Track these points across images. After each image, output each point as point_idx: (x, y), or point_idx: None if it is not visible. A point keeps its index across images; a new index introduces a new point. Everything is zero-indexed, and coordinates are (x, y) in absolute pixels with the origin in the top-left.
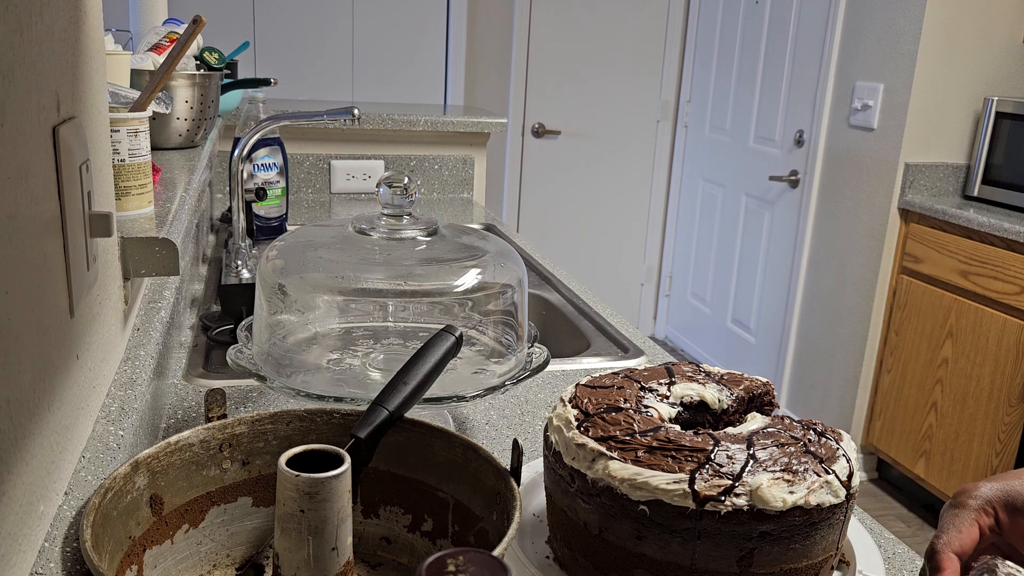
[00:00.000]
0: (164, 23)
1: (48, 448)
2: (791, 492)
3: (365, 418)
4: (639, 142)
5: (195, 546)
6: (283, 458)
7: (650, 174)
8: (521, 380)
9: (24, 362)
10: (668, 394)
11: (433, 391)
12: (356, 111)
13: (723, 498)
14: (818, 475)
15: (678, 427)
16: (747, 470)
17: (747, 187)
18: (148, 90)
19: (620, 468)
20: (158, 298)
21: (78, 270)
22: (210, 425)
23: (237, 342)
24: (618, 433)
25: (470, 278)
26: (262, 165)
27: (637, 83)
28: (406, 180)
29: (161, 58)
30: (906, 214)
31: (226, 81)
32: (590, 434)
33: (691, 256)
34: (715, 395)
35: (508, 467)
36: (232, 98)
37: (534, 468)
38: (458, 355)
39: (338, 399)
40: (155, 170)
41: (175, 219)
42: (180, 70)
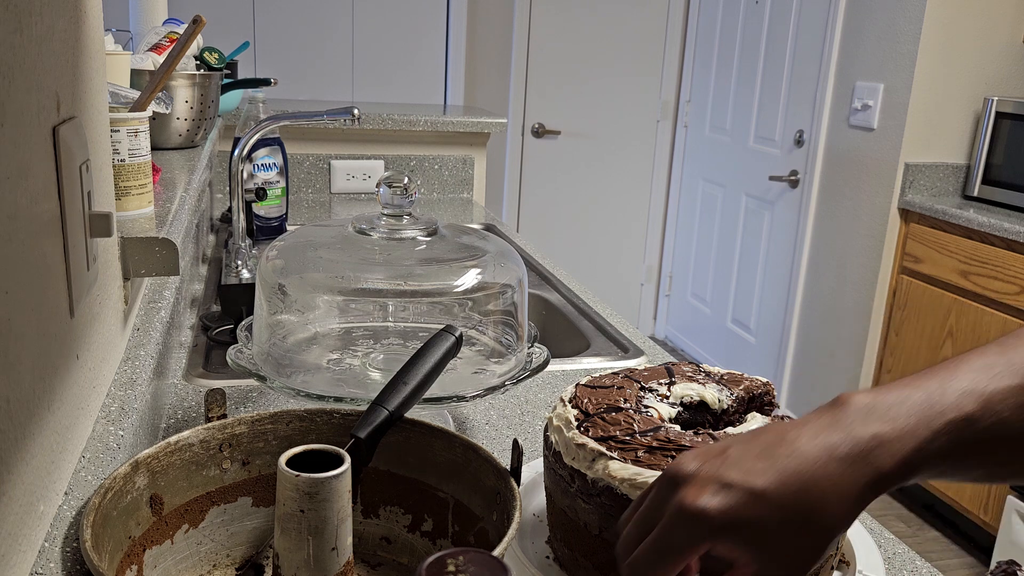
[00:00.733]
0: (164, 23)
1: (48, 448)
2: None
3: (365, 418)
4: (639, 142)
5: (195, 546)
6: (283, 458)
7: (650, 174)
8: (521, 380)
9: (24, 362)
10: (668, 394)
11: (433, 391)
12: (356, 111)
13: None
14: None
15: (678, 427)
16: None
17: (747, 187)
18: (148, 90)
19: (620, 468)
20: (158, 298)
21: (78, 270)
22: (210, 425)
23: (237, 342)
24: (618, 433)
25: (470, 278)
26: (262, 165)
27: (637, 83)
28: (406, 180)
29: (161, 58)
30: (906, 214)
31: (226, 81)
32: (590, 434)
33: (691, 256)
34: (715, 395)
35: (508, 467)
36: (232, 98)
37: (534, 468)
38: (458, 355)
39: (338, 399)
40: (155, 170)
41: (175, 219)
42: (180, 70)
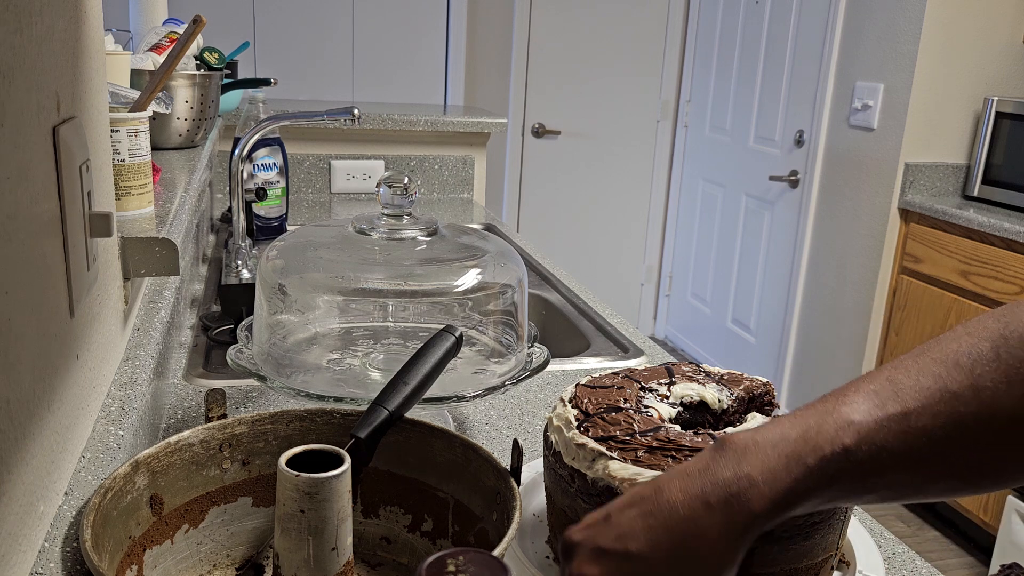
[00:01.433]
0: (164, 23)
1: (48, 448)
2: None
3: (365, 418)
4: (639, 142)
5: (195, 546)
6: (283, 458)
7: (650, 174)
8: (521, 380)
9: (24, 362)
10: (668, 394)
11: (433, 391)
12: (356, 111)
13: None
14: None
15: (678, 427)
16: None
17: (747, 187)
18: (148, 90)
19: (620, 468)
20: (158, 298)
21: (78, 270)
22: (210, 425)
23: (237, 342)
24: (618, 433)
25: (470, 278)
26: (262, 165)
27: (637, 83)
28: (406, 180)
29: (161, 58)
30: (906, 214)
31: (226, 81)
32: (590, 434)
33: (691, 256)
34: (715, 395)
35: (508, 467)
36: (232, 98)
37: (534, 468)
38: (458, 355)
39: (338, 399)
40: (155, 170)
41: (175, 219)
42: (180, 70)
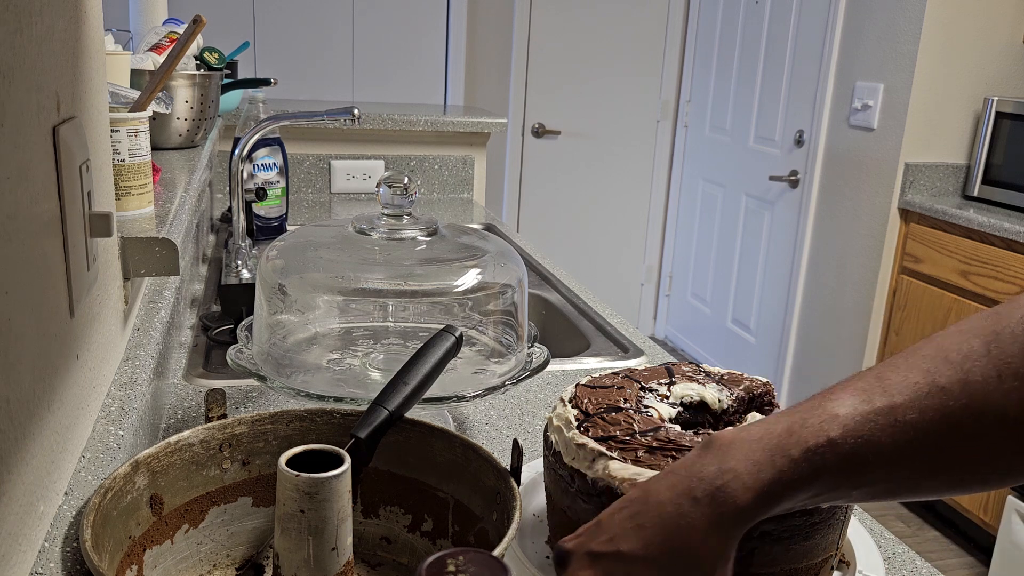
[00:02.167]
0: (164, 23)
1: (48, 448)
2: None
3: (365, 418)
4: (639, 142)
5: (195, 546)
6: (283, 458)
7: (650, 174)
8: (521, 380)
9: (24, 362)
10: (668, 394)
11: (433, 391)
12: (356, 111)
13: None
14: None
15: (678, 427)
16: None
17: (747, 187)
18: (148, 90)
19: (620, 468)
20: (158, 298)
21: (78, 270)
22: (210, 425)
23: (237, 342)
24: (618, 433)
25: (470, 278)
26: (262, 165)
27: (637, 83)
28: (406, 180)
29: (161, 58)
30: (906, 214)
31: (226, 81)
32: (590, 434)
33: (691, 256)
34: (715, 395)
35: (508, 467)
36: (232, 98)
37: (534, 468)
38: (458, 355)
39: (338, 399)
40: (155, 170)
41: (175, 219)
42: (180, 70)
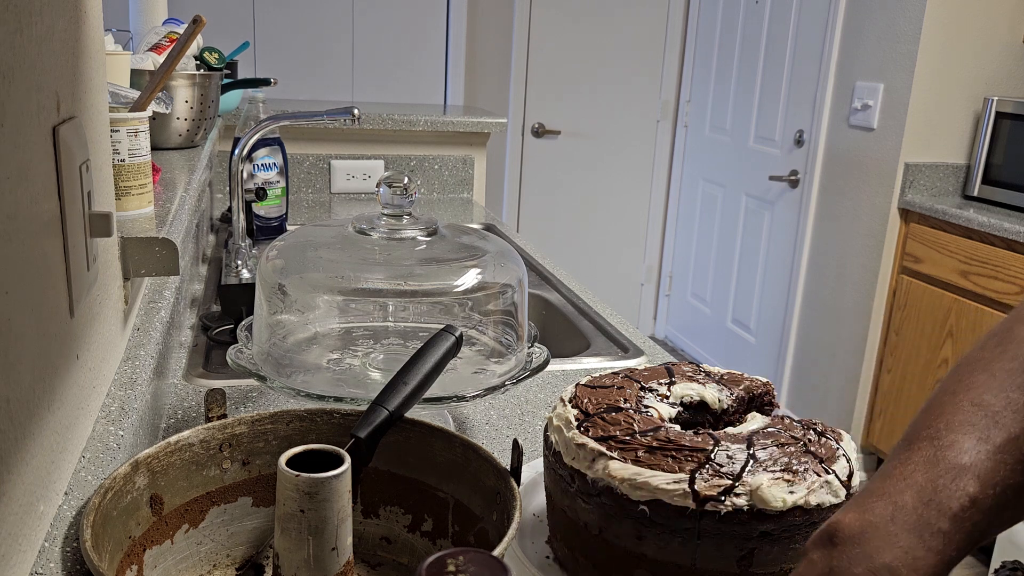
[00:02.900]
0: (164, 23)
1: (48, 448)
2: (791, 492)
3: (365, 418)
4: (639, 142)
5: (195, 546)
6: (283, 458)
7: (650, 174)
8: (521, 380)
9: (24, 362)
10: (668, 394)
11: (433, 391)
12: (356, 111)
13: (723, 498)
14: (818, 475)
15: (678, 427)
16: (747, 470)
17: (747, 187)
18: (148, 90)
19: (620, 468)
20: (158, 298)
21: (78, 270)
22: (210, 425)
23: (237, 342)
24: (618, 433)
25: (470, 278)
26: (262, 165)
27: (637, 83)
28: (406, 180)
29: (161, 58)
30: (906, 214)
31: (226, 81)
32: (590, 434)
33: (691, 256)
34: (715, 395)
35: (508, 467)
36: (232, 98)
37: (534, 468)
38: (458, 355)
39: (338, 399)
40: (155, 170)
41: (175, 219)
42: (180, 70)
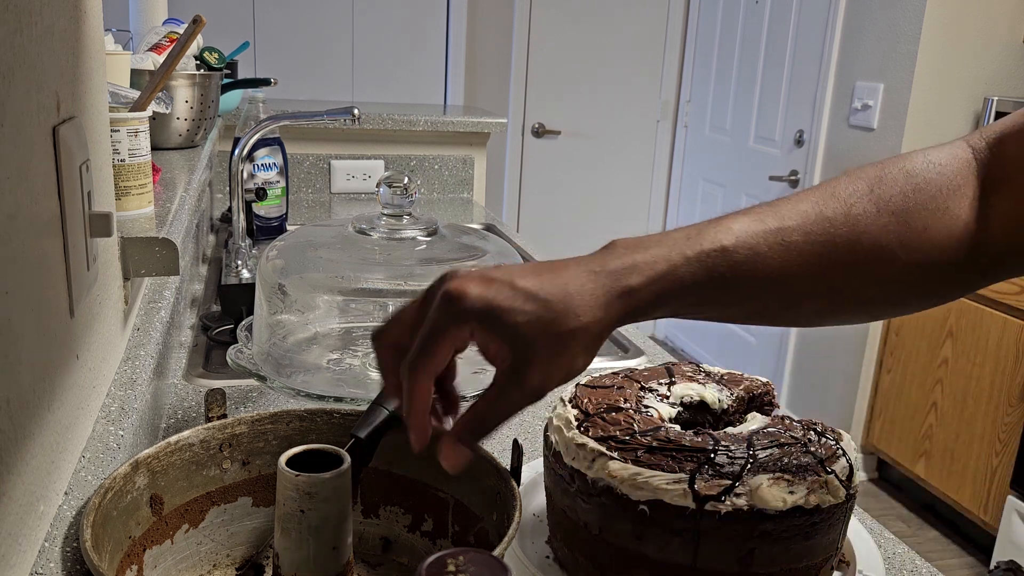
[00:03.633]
0: (164, 23)
1: (48, 448)
2: (791, 492)
3: (365, 418)
4: (639, 142)
5: (195, 546)
6: (283, 458)
7: (650, 174)
8: None
9: (24, 362)
10: (668, 394)
11: None
12: (356, 111)
13: (723, 498)
14: (818, 475)
15: (678, 427)
16: (747, 470)
17: (747, 187)
18: (148, 90)
19: (620, 468)
20: (158, 298)
21: (78, 270)
22: (210, 425)
23: (237, 342)
24: (618, 433)
25: None
26: (262, 165)
27: (637, 83)
28: (406, 180)
29: (161, 58)
30: None
31: (226, 81)
32: (590, 434)
33: None
34: (715, 395)
35: (508, 467)
36: (232, 98)
37: (534, 468)
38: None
39: (338, 399)
40: (155, 170)
41: (175, 219)
42: (180, 70)
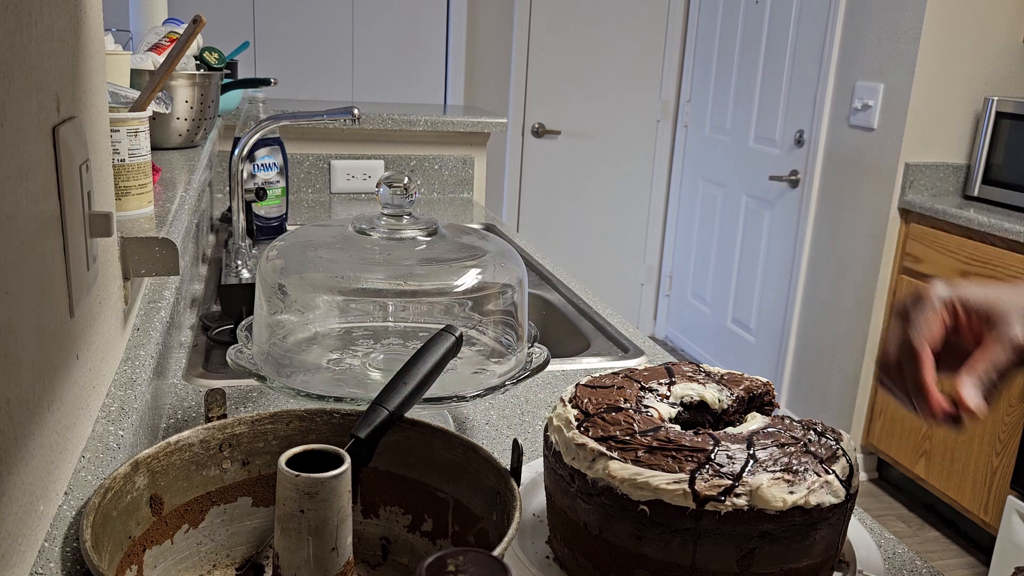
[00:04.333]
0: (164, 23)
1: (48, 448)
2: (791, 492)
3: (365, 418)
4: (639, 142)
5: (195, 546)
6: (283, 458)
7: (650, 174)
8: (521, 380)
9: (24, 362)
10: (668, 394)
11: (433, 391)
12: (356, 111)
13: (723, 498)
14: (818, 475)
15: (678, 427)
16: (747, 470)
17: (747, 187)
18: (148, 90)
19: (620, 468)
20: (158, 298)
21: (78, 270)
22: (210, 425)
23: (237, 342)
24: (618, 433)
25: (470, 278)
26: (262, 165)
27: (637, 83)
28: (406, 180)
29: (161, 58)
30: (906, 214)
31: (226, 81)
32: (590, 434)
33: (691, 256)
34: (715, 395)
35: (508, 467)
36: (232, 98)
37: (534, 468)
38: (458, 355)
39: (338, 399)
40: (155, 170)
41: (175, 219)
42: (180, 70)
